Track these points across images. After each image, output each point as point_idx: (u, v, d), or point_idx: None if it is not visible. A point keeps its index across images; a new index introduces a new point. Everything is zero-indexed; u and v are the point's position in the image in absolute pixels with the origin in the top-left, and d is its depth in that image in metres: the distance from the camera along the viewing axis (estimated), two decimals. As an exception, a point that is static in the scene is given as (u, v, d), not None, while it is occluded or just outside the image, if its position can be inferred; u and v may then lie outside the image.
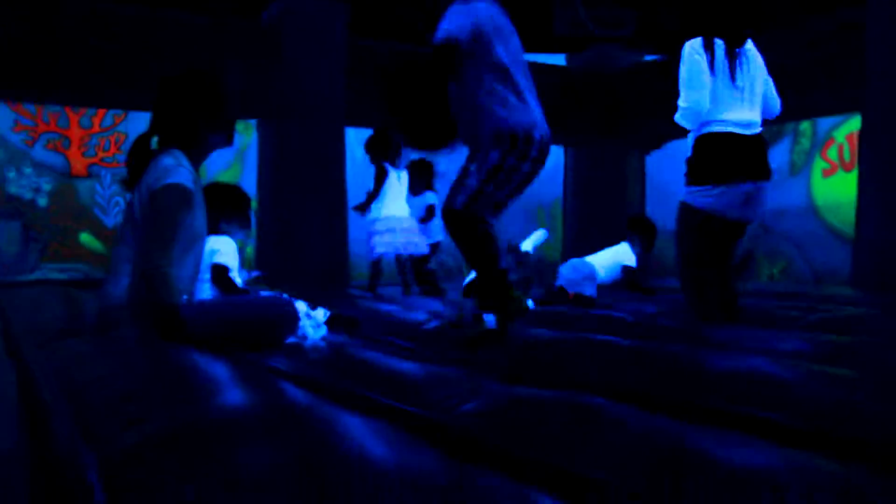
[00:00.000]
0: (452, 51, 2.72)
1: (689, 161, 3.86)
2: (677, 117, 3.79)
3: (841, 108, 8.32)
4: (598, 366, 2.56)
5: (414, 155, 6.78)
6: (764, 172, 3.79)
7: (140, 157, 3.16)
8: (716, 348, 2.84)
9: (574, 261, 6.02)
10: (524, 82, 2.86)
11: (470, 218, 2.78)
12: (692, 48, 3.71)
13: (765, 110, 3.93)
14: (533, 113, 2.85)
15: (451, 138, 2.92)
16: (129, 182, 3.18)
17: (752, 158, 3.75)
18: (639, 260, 6.26)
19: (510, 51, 2.84)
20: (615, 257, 6.22)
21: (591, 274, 5.79)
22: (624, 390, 2.26)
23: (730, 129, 3.71)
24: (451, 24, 2.73)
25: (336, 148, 8.14)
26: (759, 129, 3.83)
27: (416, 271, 6.78)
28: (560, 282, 5.67)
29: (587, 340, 2.85)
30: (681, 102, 3.72)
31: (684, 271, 3.90)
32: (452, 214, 2.81)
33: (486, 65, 2.78)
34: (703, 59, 3.66)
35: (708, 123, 3.74)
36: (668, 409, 2.03)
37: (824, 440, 1.79)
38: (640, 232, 6.35)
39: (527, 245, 6.07)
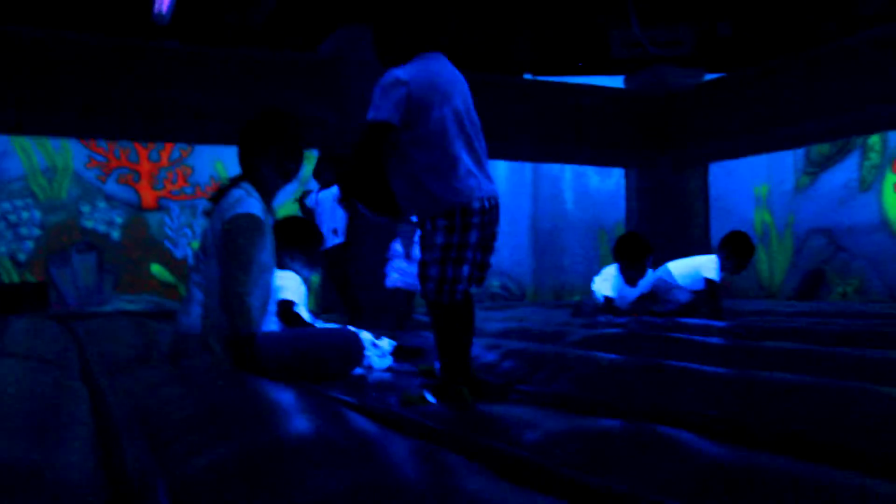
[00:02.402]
0: (385, 132, 2.59)
1: None
2: None
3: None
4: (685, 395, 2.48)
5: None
6: None
7: (222, 192, 3.23)
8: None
9: (658, 276, 5.97)
10: (459, 142, 2.65)
11: (441, 304, 2.62)
12: None
13: None
14: (468, 178, 2.63)
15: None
16: (209, 213, 3.27)
17: None
18: (722, 278, 5.87)
19: (447, 110, 2.63)
20: (695, 266, 5.87)
21: (673, 287, 5.83)
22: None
23: None
24: (382, 104, 2.58)
25: (397, 175, 8.20)
26: None
27: None
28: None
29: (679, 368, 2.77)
30: None
31: None
32: (430, 304, 2.66)
33: (416, 136, 2.61)
34: None
35: None
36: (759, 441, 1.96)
37: None
38: (735, 249, 5.81)
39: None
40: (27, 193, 9.70)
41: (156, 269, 10.04)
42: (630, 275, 5.82)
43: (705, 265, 5.82)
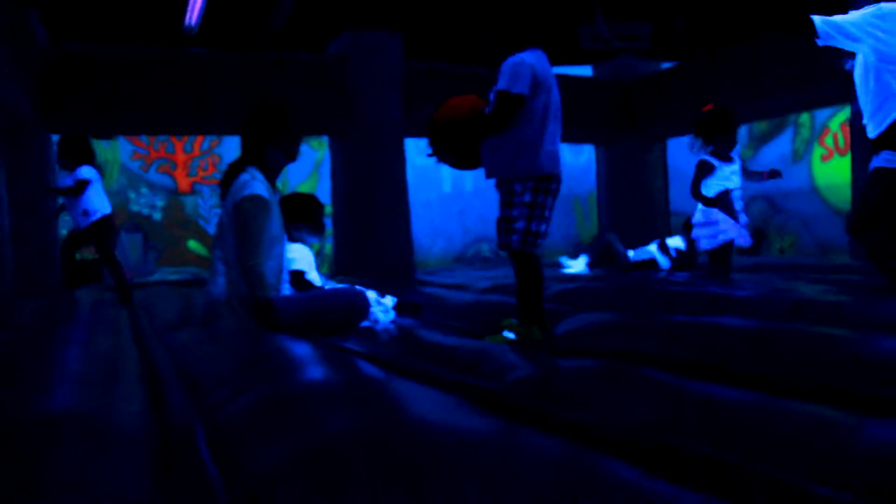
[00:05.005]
0: (521, 103, 2.72)
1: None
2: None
3: (832, 100, 8.07)
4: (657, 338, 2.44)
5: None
6: None
7: (229, 177, 3.22)
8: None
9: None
10: (554, 124, 2.82)
11: (526, 254, 2.79)
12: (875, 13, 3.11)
13: None
14: (558, 153, 2.83)
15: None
16: (222, 197, 3.26)
17: None
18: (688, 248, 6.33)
19: (549, 99, 2.80)
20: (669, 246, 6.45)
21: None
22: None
23: None
24: (518, 80, 2.71)
25: (397, 156, 8.17)
26: None
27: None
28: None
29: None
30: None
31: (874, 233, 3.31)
32: (514, 253, 2.81)
33: (528, 112, 2.75)
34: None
35: None
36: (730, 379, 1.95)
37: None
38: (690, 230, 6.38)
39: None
40: (82, 183, 9.69)
41: (192, 244, 10.04)
42: None
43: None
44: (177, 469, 1.42)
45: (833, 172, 9.29)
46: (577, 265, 7.04)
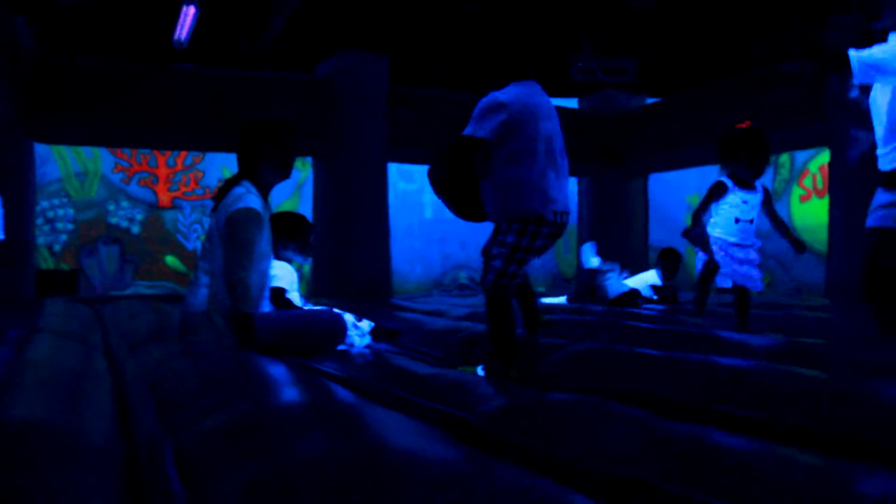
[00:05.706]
0: (475, 146, 2.60)
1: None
2: None
3: (811, 142, 8.22)
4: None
5: None
6: None
7: (224, 190, 3.22)
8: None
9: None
10: (546, 161, 2.67)
11: (498, 294, 2.71)
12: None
13: None
14: (549, 192, 2.66)
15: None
16: (214, 209, 3.24)
17: None
18: (664, 281, 6.57)
19: (538, 132, 2.65)
20: (645, 280, 6.57)
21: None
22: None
23: None
24: (482, 124, 2.60)
25: (380, 180, 8.19)
26: None
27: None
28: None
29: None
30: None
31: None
32: (485, 291, 2.75)
33: (509, 151, 2.63)
34: None
35: None
36: (685, 412, 1.98)
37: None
38: (665, 261, 6.62)
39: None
40: (63, 194, 9.63)
41: (170, 259, 9.97)
42: None
43: (650, 278, 6.56)
44: (143, 486, 1.41)
45: (811, 213, 9.45)
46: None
